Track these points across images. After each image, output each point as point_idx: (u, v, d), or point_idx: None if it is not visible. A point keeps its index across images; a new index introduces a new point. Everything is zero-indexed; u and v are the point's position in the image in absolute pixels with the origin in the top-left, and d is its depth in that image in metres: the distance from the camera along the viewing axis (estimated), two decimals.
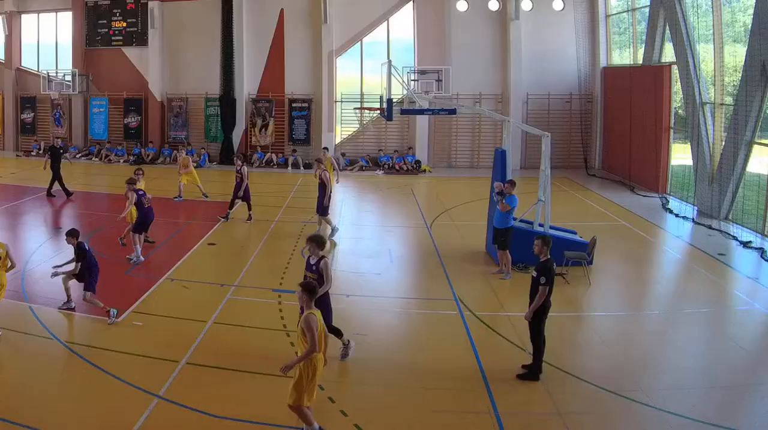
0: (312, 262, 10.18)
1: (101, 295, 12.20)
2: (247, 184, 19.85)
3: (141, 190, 16.00)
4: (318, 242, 10.28)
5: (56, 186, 23.39)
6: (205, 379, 9.94)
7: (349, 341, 10.61)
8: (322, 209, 18.15)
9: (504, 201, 14.69)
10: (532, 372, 9.99)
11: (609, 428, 8.89)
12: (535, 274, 10.03)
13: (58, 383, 9.77)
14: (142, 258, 15.56)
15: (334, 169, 22.57)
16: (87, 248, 12.52)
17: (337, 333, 10.47)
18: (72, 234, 12.38)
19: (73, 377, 9.97)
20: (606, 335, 12.06)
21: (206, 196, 23.05)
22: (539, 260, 10.19)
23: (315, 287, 8.49)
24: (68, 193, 23.46)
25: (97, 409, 8.96)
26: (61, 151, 24.43)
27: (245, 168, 20.12)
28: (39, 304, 12.77)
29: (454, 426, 8.83)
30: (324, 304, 9.95)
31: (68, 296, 12.67)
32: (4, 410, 8.65)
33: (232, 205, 20.12)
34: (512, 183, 15.00)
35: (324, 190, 18.01)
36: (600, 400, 9.42)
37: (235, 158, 22.68)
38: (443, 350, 11.20)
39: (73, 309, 12.56)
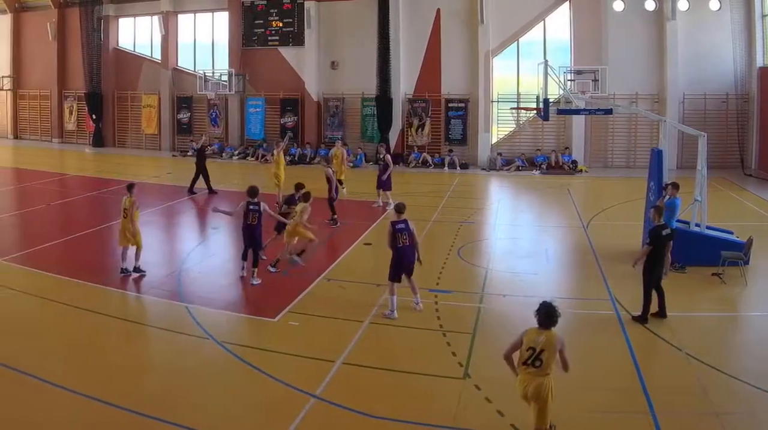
0: (398, 225, 12.46)
1: (260, 289, 13.49)
2: (389, 173, 22.25)
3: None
4: (397, 208, 12.78)
5: (201, 184, 24.53)
6: (362, 379, 10.05)
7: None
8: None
9: (666, 204, 14.69)
10: (641, 317, 12.12)
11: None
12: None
13: (214, 382, 9.96)
14: None
15: (342, 163, 24.26)
16: (250, 206, 14.19)
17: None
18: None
19: (228, 377, 10.12)
20: (764, 335, 11.97)
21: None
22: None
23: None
24: (211, 190, 24.63)
25: (253, 409, 9.12)
26: (204, 149, 25.30)
27: (389, 156, 22.53)
28: (195, 304, 12.98)
29: (610, 426, 8.80)
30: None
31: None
32: (160, 409, 8.86)
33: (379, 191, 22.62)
34: (675, 186, 15.10)
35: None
36: (758, 401, 9.29)
37: (378, 147, 26.12)
38: (599, 351, 11.12)
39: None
